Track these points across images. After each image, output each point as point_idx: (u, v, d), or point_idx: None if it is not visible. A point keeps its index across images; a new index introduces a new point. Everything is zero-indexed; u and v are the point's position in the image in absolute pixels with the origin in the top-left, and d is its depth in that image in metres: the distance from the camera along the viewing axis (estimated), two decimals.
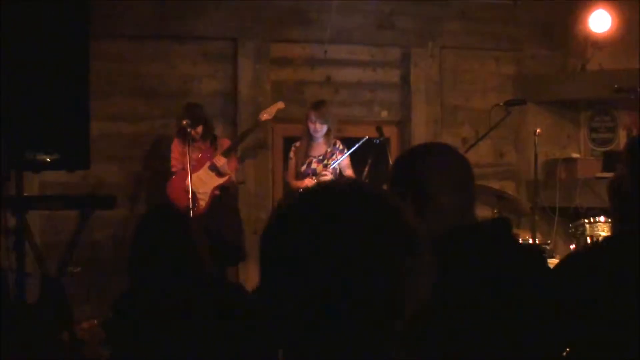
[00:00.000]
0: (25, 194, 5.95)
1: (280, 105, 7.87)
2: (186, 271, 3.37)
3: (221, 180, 7.62)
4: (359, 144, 7.57)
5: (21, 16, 5.37)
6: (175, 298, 3.31)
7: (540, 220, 8.14)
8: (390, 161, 7.65)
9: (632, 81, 7.79)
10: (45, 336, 5.58)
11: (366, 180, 6.73)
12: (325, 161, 7.72)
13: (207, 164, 7.63)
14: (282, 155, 8.54)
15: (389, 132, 8.63)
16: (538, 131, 7.52)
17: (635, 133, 8.13)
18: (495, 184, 7.79)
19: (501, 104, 7.68)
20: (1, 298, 5.35)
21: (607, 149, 8.94)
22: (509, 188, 8.46)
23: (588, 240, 6.89)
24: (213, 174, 7.58)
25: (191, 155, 7.33)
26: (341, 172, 7.76)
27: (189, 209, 6.90)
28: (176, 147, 7.65)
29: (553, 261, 5.45)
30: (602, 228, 6.86)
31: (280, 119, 8.53)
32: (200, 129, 7.53)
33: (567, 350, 2.69)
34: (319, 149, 7.75)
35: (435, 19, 8.92)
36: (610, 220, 6.77)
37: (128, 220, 7.85)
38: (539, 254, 2.84)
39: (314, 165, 7.72)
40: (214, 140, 7.72)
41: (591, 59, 8.95)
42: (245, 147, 8.41)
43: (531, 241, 7.02)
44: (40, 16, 5.44)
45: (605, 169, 8.27)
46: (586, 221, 6.99)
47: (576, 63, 9.08)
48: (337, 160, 7.64)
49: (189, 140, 7.35)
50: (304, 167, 7.74)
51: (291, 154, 7.89)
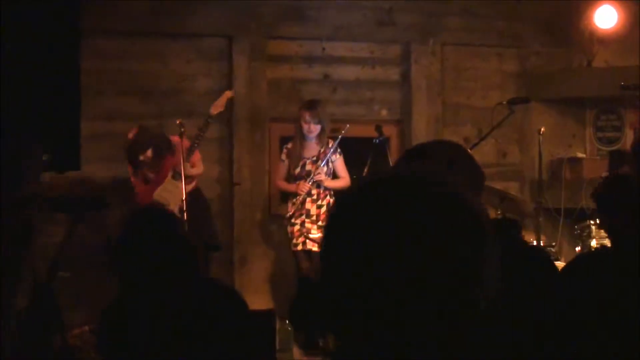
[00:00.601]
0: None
1: (229, 94, 7.72)
2: (177, 273, 3.33)
3: (189, 187, 7.26)
4: (341, 136, 7.52)
5: (9, 13, 5.29)
6: (167, 302, 3.29)
7: (545, 221, 8.12)
8: (390, 161, 7.64)
9: (639, 78, 7.78)
10: (35, 343, 5.60)
11: None
12: (318, 162, 7.67)
13: (170, 173, 7.46)
14: (278, 155, 8.50)
15: (389, 131, 8.59)
16: (542, 130, 7.50)
17: None
18: (498, 185, 7.76)
19: (504, 102, 7.66)
20: None
21: (614, 148, 8.91)
22: (512, 189, 8.44)
23: (594, 242, 6.86)
24: (178, 183, 7.22)
25: (151, 175, 7.37)
26: (334, 173, 7.73)
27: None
28: (130, 172, 7.56)
29: (559, 264, 5.43)
30: None
31: (277, 118, 8.53)
32: (149, 152, 7.38)
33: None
34: (312, 149, 7.70)
35: (436, 14, 8.89)
36: None
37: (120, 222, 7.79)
38: (547, 257, 2.83)
39: (308, 167, 7.67)
40: (170, 148, 7.47)
41: (597, 56, 8.93)
42: (241, 148, 8.41)
43: (535, 243, 6.99)
44: (29, 13, 5.38)
45: (612, 168, 8.24)
46: (592, 223, 6.96)
47: (581, 60, 9.05)
48: (325, 157, 7.57)
49: (139, 165, 7.34)
50: (297, 170, 7.70)
51: (283, 156, 7.85)
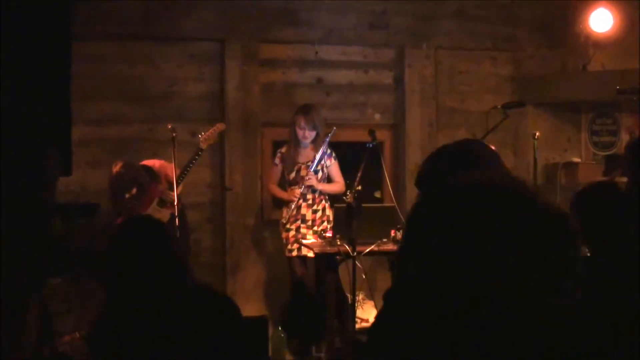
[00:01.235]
0: None
1: (220, 127, 7.55)
2: (168, 280, 3.38)
3: (173, 210, 7.02)
4: (327, 139, 7.51)
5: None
6: (158, 310, 3.33)
7: None
8: (384, 166, 7.72)
9: (635, 82, 7.83)
10: (25, 351, 5.58)
11: (358, 186, 6.76)
12: (308, 165, 7.65)
13: (155, 200, 7.32)
14: (271, 159, 8.56)
15: (383, 135, 8.67)
16: (537, 134, 7.57)
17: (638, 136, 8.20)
18: None
19: (499, 107, 7.72)
20: None
21: (609, 153, 8.98)
22: None
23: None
24: (163, 210, 7.20)
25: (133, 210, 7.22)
26: (329, 178, 7.75)
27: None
28: (111, 201, 7.34)
29: None
30: None
31: (269, 122, 8.58)
32: (134, 191, 7.22)
33: None
34: (307, 155, 7.68)
35: (430, 17, 8.94)
36: None
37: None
38: None
39: (303, 173, 7.65)
40: (153, 175, 7.36)
41: (592, 59, 8.94)
42: (233, 153, 8.47)
43: None
44: (20, 16, 5.42)
45: (607, 173, 8.34)
46: None
47: (577, 63, 9.07)
48: (315, 161, 7.56)
49: (124, 204, 7.16)
50: (292, 175, 7.68)
51: (276, 160, 7.82)
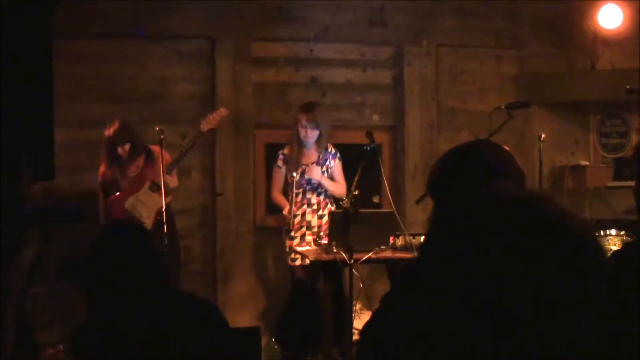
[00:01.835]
0: None
1: (223, 112, 7.59)
2: (151, 290, 3.36)
3: (166, 200, 7.14)
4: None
5: None
6: (139, 320, 3.31)
7: None
8: (382, 169, 7.63)
9: None
10: None
11: (355, 191, 6.70)
12: (321, 168, 7.60)
13: (147, 184, 7.38)
14: (263, 163, 8.50)
15: (381, 137, 8.60)
16: (543, 136, 7.51)
17: None
18: None
19: (503, 107, 7.66)
20: None
21: (619, 155, 8.93)
22: None
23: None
24: (155, 195, 7.25)
25: (124, 173, 7.33)
26: (332, 178, 7.67)
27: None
28: (101, 172, 7.49)
29: None
30: (613, 242, 6.84)
31: (262, 124, 8.51)
32: (127, 146, 7.32)
33: None
34: (311, 155, 7.60)
35: (431, 14, 8.87)
36: (622, 233, 6.80)
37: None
38: None
39: (307, 175, 7.58)
40: (150, 155, 7.43)
41: (601, 58, 8.89)
42: (224, 156, 8.42)
43: None
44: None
45: (617, 177, 8.28)
46: (596, 234, 6.98)
47: (585, 62, 9.03)
48: (323, 162, 7.55)
49: (115, 160, 7.30)
50: (296, 177, 7.56)
51: (279, 162, 7.70)
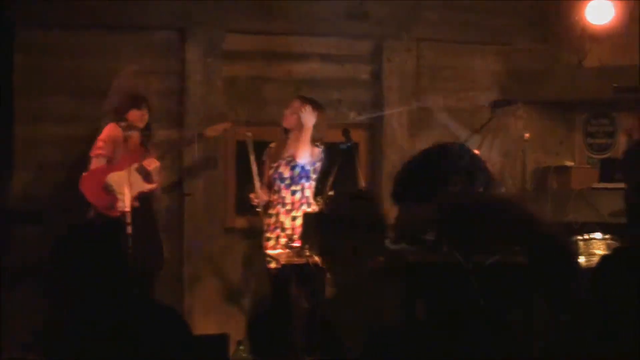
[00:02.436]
0: None
1: (227, 125, 7.83)
2: (111, 294, 3.32)
3: (148, 187, 7.47)
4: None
5: None
6: (100, 325, 3.29)
7: None
8: (359, 169, 7.57)
9: (634, 79, 7.76)
10: None
11: (330, 191, 6.62)
12: (309, 167, 7.47)
13: (135, 165, 7.41)
14: (235, 162, 8.43)
15: (358, 136, 8.52)
16: (527, 136, 7.48)
17: (637, 138, 8.12)
18: None
19: (486, 105, 7.64)
20: None
21: (605, 156, 8.95)
22: None
23: (583, 259, 6.83)
24: (139, 178, 7.40)
25: (125, 145, 7.32)
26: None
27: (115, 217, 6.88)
28: (111, 132, 7.43)
29: None
30: (597, 246, 6.82)
31: (234, 121, 8.35)
32: (146, 111, 7.47)
33: None
34: (291, 148, 7.50)
35: (412, 7, 8.79)
36: (606, 237, 6.76)
37: None
38: None
39: (281, 170, 7.52)
40: (148, 140, 7.58)
41: (589, 54, 8.87)
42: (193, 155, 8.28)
43: None
44: None
45: (603, 179, 8.25)
46: (580, 238, 6.95)
47: (571, 58, 8.99)
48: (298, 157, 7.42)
49: (129, 129, 7.30)
50: (271, 172, 7.54)
51: (264, 157, 7.69)
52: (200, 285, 8.35)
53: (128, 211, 6.95)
